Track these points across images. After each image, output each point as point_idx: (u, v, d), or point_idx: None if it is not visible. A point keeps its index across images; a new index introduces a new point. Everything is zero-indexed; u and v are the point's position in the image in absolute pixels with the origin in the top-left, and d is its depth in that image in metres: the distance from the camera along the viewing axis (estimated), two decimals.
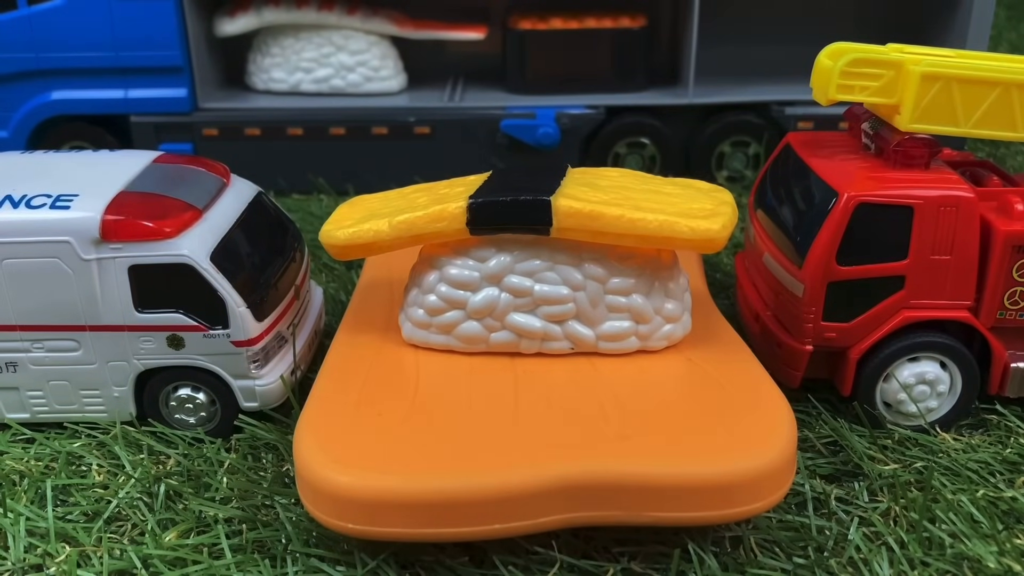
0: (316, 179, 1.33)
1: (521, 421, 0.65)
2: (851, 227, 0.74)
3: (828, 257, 0.74)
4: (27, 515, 0.70)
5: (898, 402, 0.78)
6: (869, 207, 0.73)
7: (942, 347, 0.77)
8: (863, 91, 0.76)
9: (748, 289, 0.89)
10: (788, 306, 0.79)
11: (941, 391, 0.78)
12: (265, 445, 0.78)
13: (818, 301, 0.76)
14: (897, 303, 0.76)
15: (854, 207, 0.73)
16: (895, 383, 0.78)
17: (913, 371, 0.77)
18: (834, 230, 0.74)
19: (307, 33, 1.34)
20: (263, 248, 0.80)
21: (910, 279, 0.75)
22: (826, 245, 0.74)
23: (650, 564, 0.65)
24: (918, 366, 0.77)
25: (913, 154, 0.77)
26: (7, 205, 0.74)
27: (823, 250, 0.74)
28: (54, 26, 1.24)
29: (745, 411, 0.66)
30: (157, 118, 1.31)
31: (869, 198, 0.73)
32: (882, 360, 0.77)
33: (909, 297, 0.76)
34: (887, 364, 0.77)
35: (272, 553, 0.66)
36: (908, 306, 0.76)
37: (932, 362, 0.77)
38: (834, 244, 0.74)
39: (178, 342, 0.76)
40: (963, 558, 0.65)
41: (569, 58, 1.34)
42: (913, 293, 0.75)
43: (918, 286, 0.75)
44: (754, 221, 0.89)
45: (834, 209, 0.74)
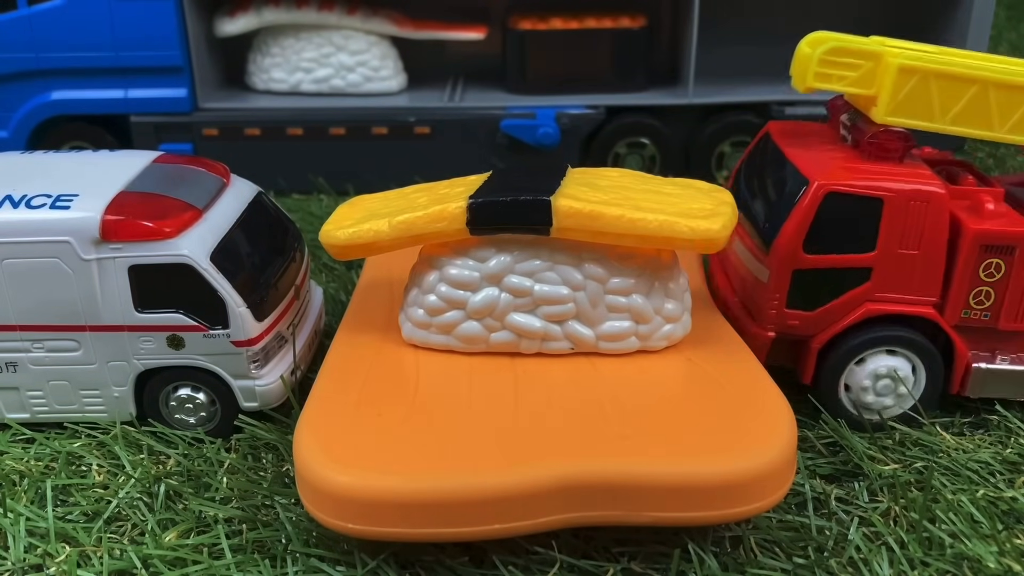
0: (316, 179, 1.33)
1: (521, 421, 0.65)
2: (819, 215, 0.73)
3: (795, 244, 0.74)
4: (27, 515, 0.70)
5: (861, 390, 0.78)
6: (839, 196, 0.73)
7: (906, 342, 0.77)
8: (840, 80, 0.76)
9: (719, 278, 0.89)
10: (754, 293, 0.79)
11: (904, 387, 0.78)
12: (265, 445, 0.78)
13: (782, 288, 0.76)
14: (861, 295, 0.76)
15: (824, 195, 0.73)
16: (858, 375, 0.78)
17: (880, 364, 0.77)
18: (802, 217, 0.74)
19: (307, 33, 1.34)
20: (263, 248, 0.80)
21: (876, 272, 0.75)
22: (793, 232, 0.74)
23: (650, 564, 0.65)
24: (884, 359, 0.77)
25: (887, 147, 0.76)
26: (7, 205, 0.74)
27: (790, 237, 0.74)
28: (54, 26, 1.24)
29: (745, 411, 0.66)
30: (157, 118, 1.31)
31: (839, 187, 0.73)
32: (844, 352, 0.77)
33: (874, 290, 0.75)
34: (850, 356, 0.77)
35: (272, 553, 0.66)
36: (872, 299, 0.76)
37: (898, 357, 0.77)
38: (801, 232, 0.74)
39: (178, 342, 0.76)
40: (963, 558, 0.65)
41: (569, 58, 1.34)
42: (878, 286, 0.75)
43: (884, 279, 0.75)
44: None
45: (803, 196, 0.74)
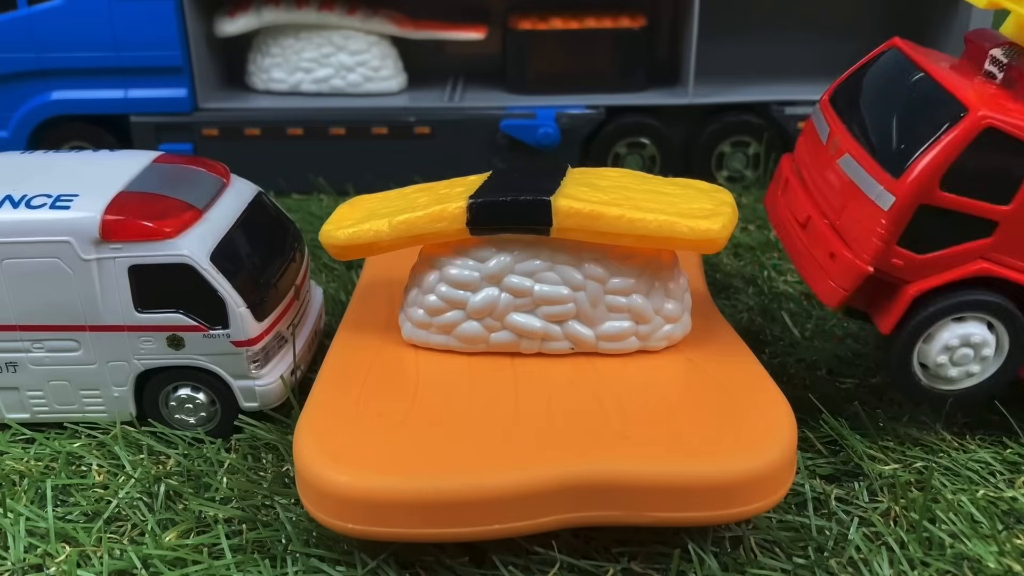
0: (316, 179, 1.33)
1: (521, 421, 0.65)
2: (970, 150, 0.65)
3: (934, 176, 0.65)
4: (27, 515, 0.70)
5: (937, 365, 0.71)
6: (997, 134, 0.64)
7: (1001, 311, 0.70)
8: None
9: (798, 190, 0.78)
10: (860, 216, 0.69)
11: (985, 356, 0.71)
12: (265, 445, 0.78)
13: (903, 220, 0.67)
14: (977, 250, 0.68)
15: (982, 129, 0.64)
16: (944, 336, 0.70)
17: (957, 332, 0.70)
18: (951, 148, 0.65)
19: (307, 33, 1.34)
20: (263, 248, 0.80)
21: (1002, 228, 0.67)
22: (937, 162, 0.65)
23: (650, 564, 0.65)
24: (964, 327, 0.70)
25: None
26: (7, 205, 0.74)
27: (932, 167, 0.65)
28: (54, 26, 1.24)
29: (745, 411, 0.66)
30: (157, 118, 1.31)
31: (1002, 123, 0.64)
32: (938, 309, 0.69)
33: (993, 247, 0.68)
34: (942, 315, 0.70)
35: (272, 553, 0.66)
36: (987, 257, 0.68)
37: (979, 323, 0.70)
38: (946, 163, 0.65)
39: (178, 342, 0.76)
40: (963, 558, 0.65)
41: (569, 58, 1.34)
42: (999, 245, 0.68)
43: (1006, 239, 0.67)
44: (830, 119, 0.77)
45: (960, 124, 0.65)
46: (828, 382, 0.85)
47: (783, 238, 0.79)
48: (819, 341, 0.92)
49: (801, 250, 0.76)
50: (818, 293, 0.71)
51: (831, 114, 0.78)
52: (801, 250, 0.76)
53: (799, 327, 0.94)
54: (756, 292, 1.02)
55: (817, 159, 0.77)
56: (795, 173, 0.81)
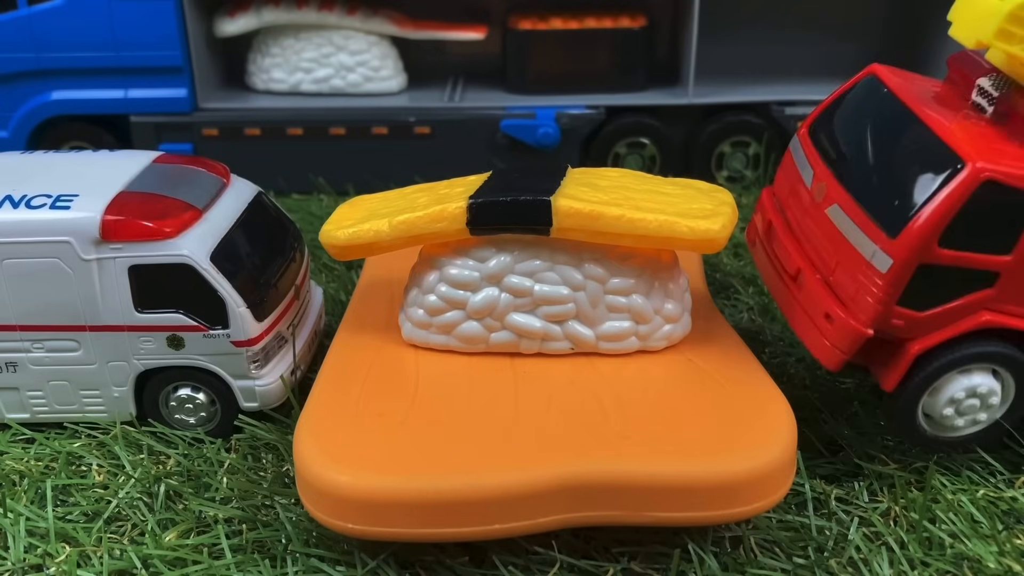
0: (316, 179, 1.33)
1: (521, 421, 0.65)
2: (969, 205, 0.62)
3: (932, 234, 0.62)
4: (27, 515, 0.70)
5: (943, 417, 0.70)
6: (996, 187, 0.61)
7: (1008, 360, 0.68)
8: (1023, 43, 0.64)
9: (784, 238, 0.75)
10: (856, 276, 0.67)
11: (992, 404, 0.70)
12: (265, 445, 0.78)
13: (901, 282, 0.64)
14: (980, 302, 0.66)
15: (981, 183, 0.61)
16: (950, 390, 0.69)
17: (963, 384, 0.69)
18: (950, 205, 0.62)
19: (307, 33, 1.34)
20: (263, 248, 0.80)
21: (1004, 278, 0.65)
22: (935, 220, 0.62)
23: (650, 564, 0.65)
24: (969, 378, 0.69)
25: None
26: (7, 205, 0.74)
27: (930, 225, 0.62)
28: (54, 26, 1.24)
29: (745, 411, 0.66)
30: (157, 118, 1.31)
31: (1000, 176, 0.61)
32: (943, 364, 0.68)
33: (996, 298, 0.66)
34: (947, 368, 0.68)
35: (272, 553, 0.66)
36: (991, 308, 0.66)
37: (984, 373, 0.69)
38: (944, 221, 0.62)
39: (178, 342, 0.76)
40: (963, 558, 0.65)
41: (569, 58, 1.34)
42: (1001, 295, 0.66)
43: (1009, 288, 0.65)
44: (812, 158, 0.75)
45: (956, 179, 0.62)
46: (828, 382, 0.85)
47: (771, 288, 0.77)
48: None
49: (793, 305, 0.73)
50: (816, 354, 0.69)
51: (812, 152, 0.75)
52: (793, 305, 0.73)
53: None
54: (756, 292, 1.02)
55: (802, 203, 0.75)
56: (779, 213, 0.78)
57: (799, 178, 0.75)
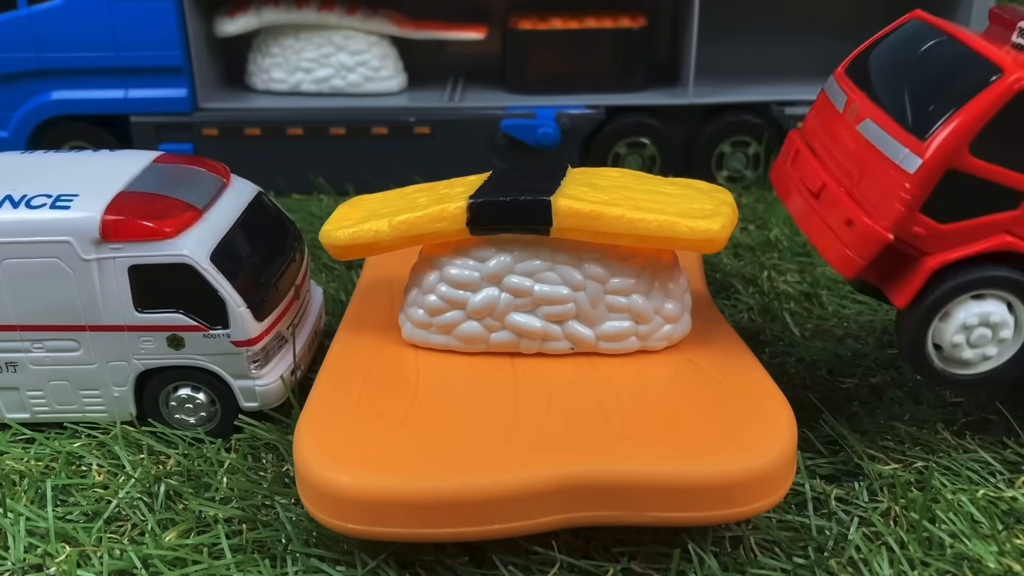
0: (316, 179, 1.33)
1: (521, 421, 0.65)
2: (1004, 113, 0.61)
3: (964, 139, 0.62)
4: (27, 515, 0.70)
5: (952, 346, 0.68)
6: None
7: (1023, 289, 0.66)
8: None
9: (810, 160, 0.74)
10: (882, 181, 0.66)
11: (1003, 338, 0.68)
12: (265, 445, 0.78)
13: (928, 185, 0.63)
14: (1002, 223, 0.65)
15: (1016, 92, 0.61)
16: (952, 321, 0.67)
17: (976, 311, 0.67)
18: (983, 109, 0.62)
19: (307, 33, 1.34)
20: (263, 248, 0.80)
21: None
22: (968, 124, 0.62)
23: (650, 564, 0.65)
24: (982, 305, 0.67)
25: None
26: (7, 205, 0.74)
27: (962, 129, 0.62)
28: (54, 26, 1.24)
29: (745, 411, 0.66)
30: (157, 118, 1.31)
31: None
32: (958, 284, 0.66)
33: (1018, 222, 0.65)
34: (962, 290, 0.66)
35: (272, 553, 0.66)
36: (1011, 231, 0.65)
37: (999, 302, 0.67)
38: (976, 126, 0.62)
39: (178, 342, 0.76)
40: (963, 558, 0.65)
41: (569, 58, 1.34)
42: (1023, 218, 0.65)
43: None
44: (847, 88, 0.74)
45: (993, 85, 0.62)
46: (828, 382, 0.85)
47: (792, 209, 0.76)
48: (819, 341, 0.92)
49: (813, 219, 0.72)
50: (832, 262, 0.68)
51: (848, 84, 0.75)
52: (813, 219, 0.72)
53: (799, 327, 0.94)
54: (756, 292, 1.02)
55: (832, 128, 0.74)
56: (805, 145, 0.77)
57: (832, 108, 0.75)
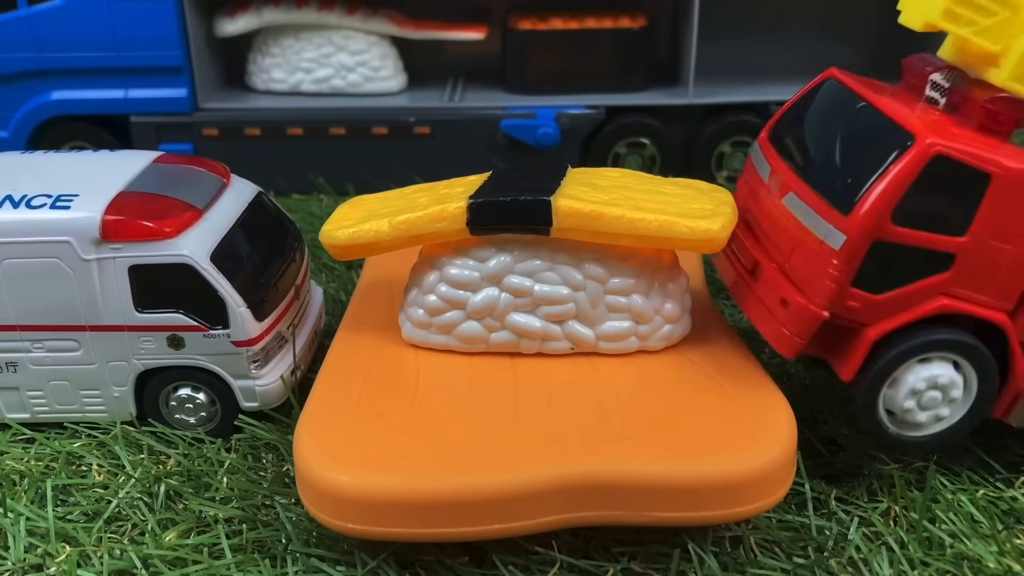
0: (316, 179, 1.33)
1: (521, 421, 0.65)
2: (921, 180, 0.62)
3: (885, 209, 0.62)
4: (27, 515, 0.70)
5: (904, 411, 0.68)
6: (946, 162, 0.61)
7: (969, 349, 0.66)
8: (969, 25, 0.65)
9: (743, 237, 0.75)
10: (811, 258, 0.66)
11: (954, 398, 0.68)
12: (265, 445, 0.78)
13: (856, 259, 0.63)
14: (937, 286, 0.65)
15: (932, 156, 0.61)
16: (901, 387, 0.67)
17: (923, 375, 0.67)
18: (901, 179, 0.62)
19: (307, 33, 1.34)
20: (263, 248, 0.80)
21: (960, 261, 0.64)
22: (887, 194, 0.62)
23: (650, 564, 0.65)
24: (929, 368, 0.67)
25: (1002, 118, 0.65)
26: (7, 205, 0.74)
27: (883, 200, 0.62)
28: (54, 26, 1.25)
29: (745, 411, 0.66)
30: (157, 118, 1.31)
31: (950, 151, 0.61)
32: (901, 351, 0.66)
33: (952, 282, 0.65)
34: (906, 356, 0.66)
35: (272, 553, 0.66)
36: (948, 292, 0.65)
37: (945, 363, 0.67)
38: (896, 195, 0.62)
39: (178, 342, 0.76)
40: (963, 558, 0.65)
41: (569, 58, 1.34)
42: (958, 279, 0.64)
43: (965, 272, 0.64)
44: (770, 157, 0.75)
45: (908, 154, 0.62)
46: (828, 382, 0.85)
47: (731, 288, 0.76)
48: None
49: (749, 297, 0.72)
50: (772, 342, 0.68)
51: (771, 152, 0.75)
52: (749, 297, 0.72)
53: None
54: None
55: (760, 200, 0.74)
56: (739, 217, 0.76)
57: (758, 179, 0.75)
